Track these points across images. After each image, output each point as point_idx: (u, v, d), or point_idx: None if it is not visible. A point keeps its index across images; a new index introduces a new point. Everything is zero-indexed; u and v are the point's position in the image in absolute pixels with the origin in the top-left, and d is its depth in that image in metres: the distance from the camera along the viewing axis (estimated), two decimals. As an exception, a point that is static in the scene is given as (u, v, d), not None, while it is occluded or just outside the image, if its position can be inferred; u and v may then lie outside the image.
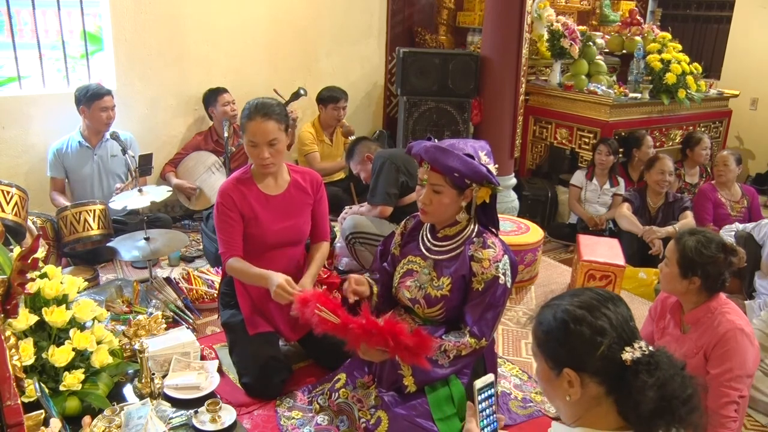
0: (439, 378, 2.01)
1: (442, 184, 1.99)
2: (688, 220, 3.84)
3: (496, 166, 2.04)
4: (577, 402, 1.19)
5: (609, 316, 1.18)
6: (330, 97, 4.50)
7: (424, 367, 1.87)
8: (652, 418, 1.11)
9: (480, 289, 2.00)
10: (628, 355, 1.14)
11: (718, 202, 4.06)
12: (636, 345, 1.15)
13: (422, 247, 2.15)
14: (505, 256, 2.04)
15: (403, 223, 2.30)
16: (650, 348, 1.16)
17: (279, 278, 2.18)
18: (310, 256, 2.55)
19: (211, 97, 4.24)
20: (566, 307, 1.20)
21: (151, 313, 2.67)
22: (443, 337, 2.02)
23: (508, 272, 2.04)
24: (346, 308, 1.99)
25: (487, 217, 2.11)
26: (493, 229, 2.12)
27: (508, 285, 2.04)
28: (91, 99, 3.61)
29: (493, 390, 1.44)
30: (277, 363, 2.42)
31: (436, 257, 2.10)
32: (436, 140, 2.05)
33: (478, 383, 1.45)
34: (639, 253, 3.77)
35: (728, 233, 3.33)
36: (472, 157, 1.95)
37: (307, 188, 2.50)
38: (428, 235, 2.15)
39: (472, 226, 2.08)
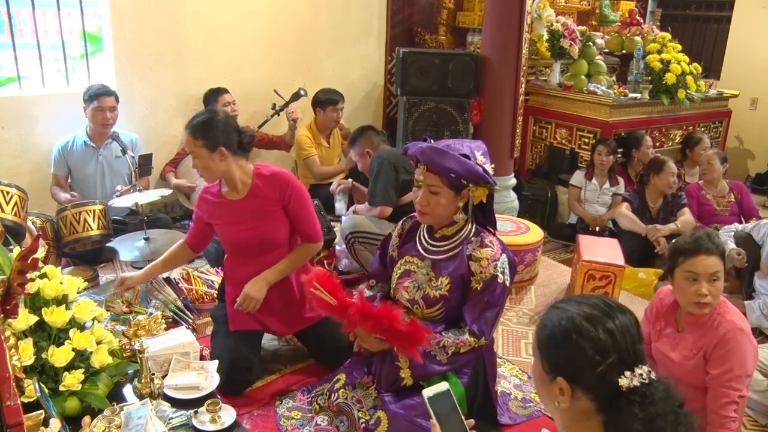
0: (437, 374, 2.01)
1: (438, 185, 1.98)
2: (687, 216, 3.89)
3: (493, 165, 2.04)
4: (566, 410, 1.16)
5: (615, 333, 1.12)
6: (329, 100, 4.50)
7: (417, 360, 1.88)
8: None
9: (479, 288, 2.00)
10: (625, 381, 1.10)
11: (703, 199, 4.11)
12: (637, 371, 1.11)
13: (419, 248, 2.14)
14: (503, 255, 2.04)
15: (400, 224, 2.30)
16: (652, 376, 1.11)
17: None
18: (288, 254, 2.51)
19: (212, 97, 4.24)
20: (573, 316, 1.16)
21: (150, 314, 2.68)
22: (442, 333, 2.02)
23: (507, 271, 2.04)
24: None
25: (484, 216, 2.11)
26: (491, 229, 2.12)
27: (507, 284, 2.04)
28: (91, 98, 3.62)
29: (450, 399, 1.41)
30: (245, 362, 2.39)
31: (434, 257, 2.09)
32: (432, 141, 2.05)
33: (427, 392, 1.43)
34: (638, 253, 3.77)
35: (728, 233, 3.33)
36: (468, 157, 1.95)
37: (269, 194, 2.43)
38: (425, 236, 2.15)
39: (469, 226, 2.07)
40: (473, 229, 2.07)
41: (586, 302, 1.19)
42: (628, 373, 1.10)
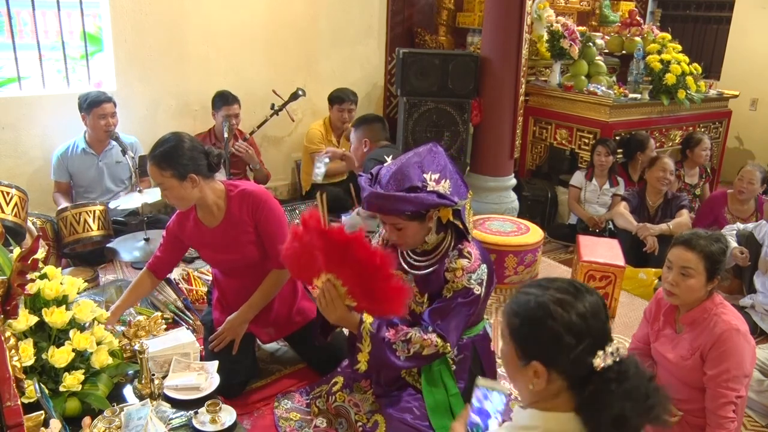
0: (393, 366, 1.92)
1: (399, 221, 1.93)
2: (683, 218, 3.81)
3: (449, 180, 1.93)
4: (538, 391, 1.20)
5: (586, 316, 1.15)
6: (336, 98, 4.53)
7: (387, 318, 1.83)
8: (610, 425, 1.12)
9: (448, 296, 1.96)
10: (599, 360, 1.13)
11: (721, 217, 3.99)
12: (608, 349, 1.14)
13: (403, 262, 2.11)
14: (483, 266, 1.99)
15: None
16: (621, 353, 1.16)
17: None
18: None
19: (218, 102, 4.16)
20: (545, 301, 1.18)
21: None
22: (408, 327, 1.94)
23: (484, 282, 1.98)
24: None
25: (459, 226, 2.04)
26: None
27: (481, 295, 1.98)
28: (89, 106, 3.59)
29: (500, 396, 1.41)
30: (235, 366, 2.37)
31: (417, 272, 2.05)
32: (384, 169, 1.94)
33: (481, 381, 1.45)
34: (634, 252, 3.75)
35: (729, 232, 3.33)
36: (418, 188, 1.86)
37: (242, 216, 2.32)
38: (408, 251, 2.10)
39: (449, 238, 2.03)
40: (453, 242, 2.02)
41: (554, 286, 1.21)
42: (600, 353, 1.13)
